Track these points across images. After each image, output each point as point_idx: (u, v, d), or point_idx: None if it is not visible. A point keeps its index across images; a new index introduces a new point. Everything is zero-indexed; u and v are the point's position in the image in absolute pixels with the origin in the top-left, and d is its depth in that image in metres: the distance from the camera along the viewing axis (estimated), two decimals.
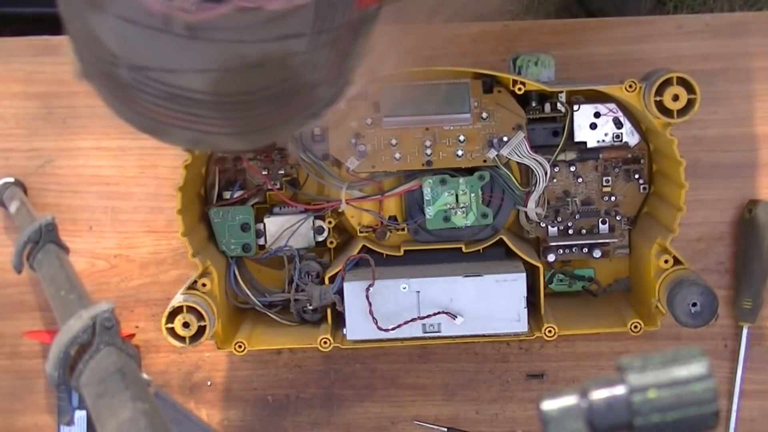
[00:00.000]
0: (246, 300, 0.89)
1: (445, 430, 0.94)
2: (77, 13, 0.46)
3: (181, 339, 0.82)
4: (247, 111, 0.48)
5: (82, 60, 0.50)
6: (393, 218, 0.90)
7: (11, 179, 0.93)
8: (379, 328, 0.81)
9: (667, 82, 0.80)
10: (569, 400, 0.37)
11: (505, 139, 0.86)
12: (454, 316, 0.82)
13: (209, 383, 0.95)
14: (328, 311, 0.85)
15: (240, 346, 0.85)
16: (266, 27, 0.44)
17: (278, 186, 0.90)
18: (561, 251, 0.90)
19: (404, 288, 0.82)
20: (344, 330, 0.83)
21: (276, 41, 0.44)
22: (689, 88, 0.80)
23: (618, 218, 0.90)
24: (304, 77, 0.47)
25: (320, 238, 0.90)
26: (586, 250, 0.90)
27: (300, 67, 0.46)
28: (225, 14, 0.42)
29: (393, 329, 0.82)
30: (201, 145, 0.55)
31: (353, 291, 0.82)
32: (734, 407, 0.92)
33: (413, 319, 0.82)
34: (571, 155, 0.89)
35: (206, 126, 0.48)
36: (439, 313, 0.82)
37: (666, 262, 0.83)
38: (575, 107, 0.88)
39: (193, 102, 0.46)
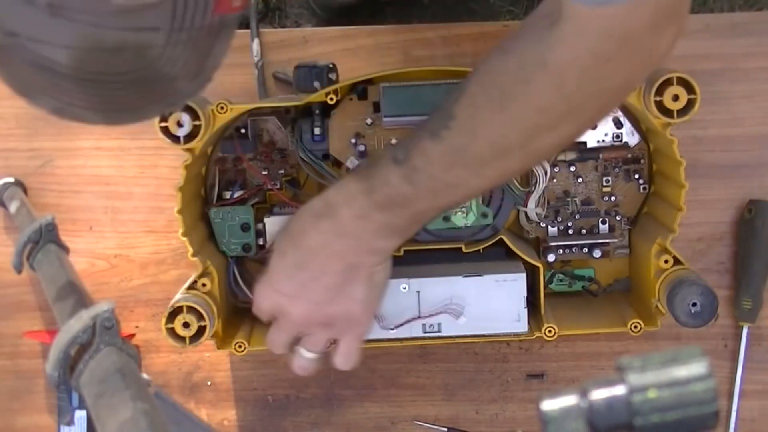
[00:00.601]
0: (246, 300, 0.89)
1: (445, 430, 0.94)
2: None
3: (181, 339, 0.82)
4: (106, 91, 0.52)
5: None
6: None
7: (11, 179, 0.93)
8: (380, 328, 0.81)
9: (667, 82, 0.80)
10: (569, 400, 0.37)
11: None
12: (457, 315, 0.82)
13: (209, 383, 0.95)
14: None
15: (240, 346, 0.85)
16: (121, 17, 0.47)
17: (278, 186, 0.90)
18: (561, 251, 0.90)
19: (404, 288, 0.82)
20: None
21: (132, 31, 0.48)
22: (689, 88, 0.80)
23: (618, 218, 0.90)
24: (162, 69, 0.50)
25: None
26: (586, 250, 0.90)
27: (157, 59, 0.50)
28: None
29: (393, 329, 0.82)
30: (65, 114, 0.58)
31: None
32: (734, 407, 0.92)
33: (416, 318, 0.82)
34: (571, 155, 0.89)
35: (68, 98, 0.52)
36: (441, 312, 0.82)
37: (666, 262, 0.83)
38: None
39: (57, 74, 0.50)
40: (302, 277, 0.74)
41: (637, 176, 0.90)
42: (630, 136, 0.89)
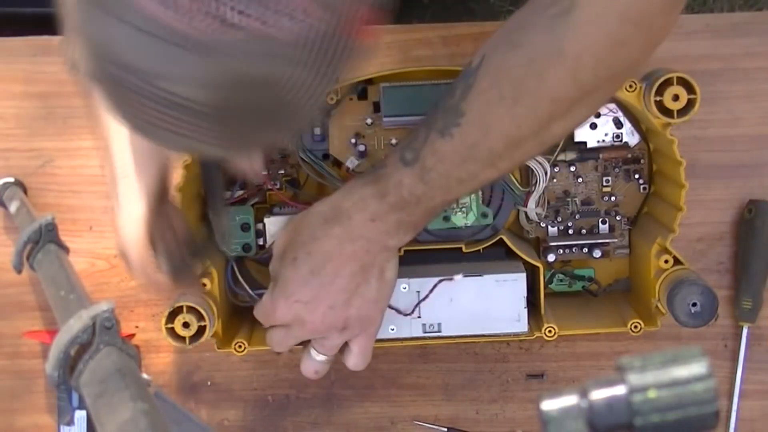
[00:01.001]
0: (246, 300, 0.89)
1: (445, 430, 0.94)
2: (84, 14, 0.49)
3: (181, 339, 0.82)
4: (228, 123, 0.51)
5: (81, 56, 0.52)
6: None
7: (11, 179, 0.93)
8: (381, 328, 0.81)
9: (667, 82, 0.80)
10: (569, 400, 0.37)
11: None
12: (450, 278, 0.82)
13: (209, 383, 0.95)
14: None
15: (240, 346, 0.85)
16: (274, 53, 0.47)
17: (278, 186, 0.90)
18: (561, 251, 0.90)
19: (404, 288, 0.82)
20: None
21: (261, 62, 0.47)
22: (689, 88, 0.80)
23: (618, 218, 0.90)
24: (286, 98, 0.50)
25: None
26: (586, 250, 0.90)
27: (282, 88, 0.49)
28: (240, 39, 0.45)
29: (393, 329, 0.82)
30: (187, 150, 0.60)
31: None
32: (734, 407, 0.92)
33: (419, 303, 0.82)
34: (571, 155, 0.89)
35: (197, 134, 0.51)
36: (438, 282, 0.82)
37: (666, 262, 0.83)
38: None
39: (191, 111, 0.49)
40: (317, 283, 0.74)
41: (637, 176, 0.90)
42: (630, 136, 0.89)
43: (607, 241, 0.90)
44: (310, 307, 0.74)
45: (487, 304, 0.83)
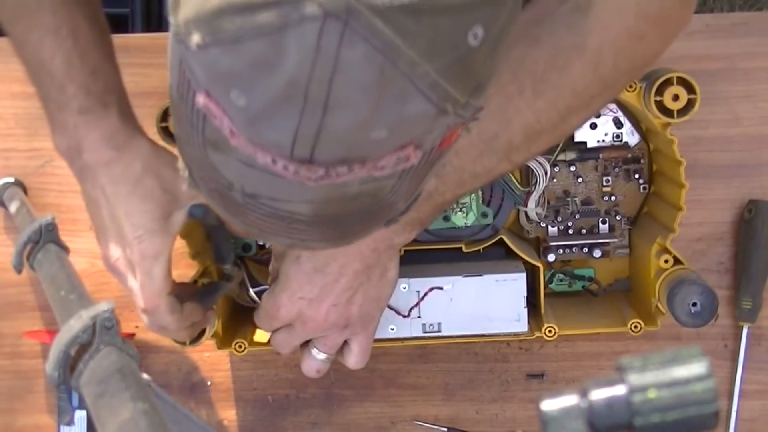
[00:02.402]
0: (246, 299, 0.89)
1: (445, 430, 0.94)
2: (198, 147, 0.53)
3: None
4: (339, 226, 0.56)
5: (195, 176, 0.58)
6: None
7: (11, 179, 0.93)
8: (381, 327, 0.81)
9: (667, 82, 0.80)
10: (569, 400, 0.37)
11: None
12: (440, 287, 0.82)
13: (209, 383, 0.95)
14: None
15: (240, 346, 0.85)
16: (376, 182, 0.51)
17: None
18: (561, 251, 0.90)
19: (404, 288, 0.82)
20: None
21: (372, 182, 0.50)
22: (689, 88, 0.80)
23: (618, 218, 0.90)
24: (389, 201, 0.54)
25: None
26: (586, 250, 0.90)
27: (388, 195, 0.53)
28: (345, 181, 0.49)
29: (393, 329, 0.82)
30: (295, 246, 0.65)
31: None
32: (734, 407, 0.92)
33: (413, 307, 0.82)
34: (571, 155, 0.89)
35: (303, 235, 0.56)
36: (429, 291, 0.82)
37: (666, 262, 0.83)
38: None
39: (296, 221, 0.54)
40: (321, 281, 0.74)
41: (637, 176, 0.90)
42: (630, 136, 0.89)
43: (607, 241, 0.90)
44: (314, 305, 0.74)
45: (487, 304, 0.83)
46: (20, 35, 0.71)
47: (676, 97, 0.80)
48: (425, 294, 0.82)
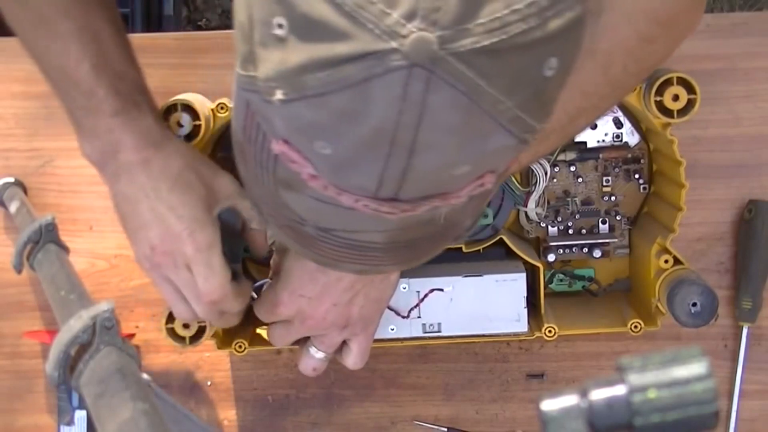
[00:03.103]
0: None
1: (445, 430, 0.94)
2: (268, 186, 0.54)
3: (181, 339, 0.82)
4: (411, 250, 0.57)
5: (265, 214, 0.59)
6: None
7: (11, 179, 0.93)
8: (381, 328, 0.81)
9: (667, 82, 0.80)
10: (569, 400, 0.37)
11: None
12: (440, 288, 0.82)
13: (209, 383, 0.95)
14: None
15: (240, 346, 0.85)
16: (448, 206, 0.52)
17: None
18: (561, 251, 0.90)
19: (404, 288, 0.82)
20: None
21: (448, 208, 0.52)
22: (689, 88, 0.80)
23: (618, 218, 0.90)
24: (459, 220, 0.55)
25: None
26: (586, 250, 0.90)
27: (458, 215, 0.54)
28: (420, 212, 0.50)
29: (393, 329, 0.82)
30: (367, 272, 0.67)
31: None
32: (734, 407, 0.92)
33: (412, 309, 0.82)
34: (571, 155, 0.89)
35: (376, 261, 0.58)
36: (429, 292, 0.82)
37: (666, 262, 0.83)
38: None
39: (369, 249, 0.55)
40: (324, 280, 0.73)
41: (637, 176, 0.90)
42: (630, 136, 0.89)
43: (607, 241, 0.90)
44: (314, 303, 0.74)
45: (487, 304, 0.83)
46: (42, 45, 0.70)
47: (676, 97, 0.80)
48: (425, 294, 0.82)
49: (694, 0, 0.69)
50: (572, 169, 0.90)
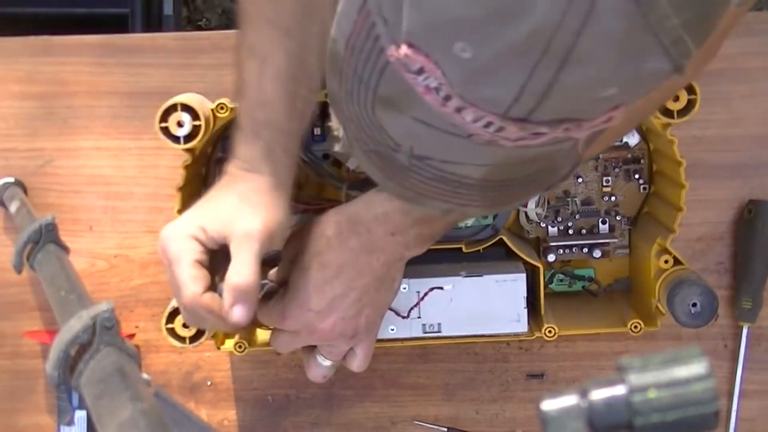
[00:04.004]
0: None
1: (445, 430, 0.94)
2: (364, 104, 0.50)
3: (181, 339, 0.82)
4: (505, 191, 0.53)
5: (350, 137, 0.55)
6: None
7: (11, 179, 0.93)
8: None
9: None
10: (569, 400, 0.37)
11: None
12: (440, 287, 0.82)
13: (209, 383, 0.95)
14: None
15: (240, 346, 0.85)
16: (559, 141, 0.48)
17: None
18: (561, 251, 0.90)
19: (404, 288, 0.82)
20: None
21: (556, 145, 0.47)
22: (689, 88, 0.80)
23: (618, 218, 0.90)
24: (558, 165, 0.52)
25: None
26: (586, 250, 0.90)
27: (560, 159, 0.50)
28: (540, 142, 0.46)
29: (393, 329, 0.82)
30: (451, 212, 0.60)
31: None
32: (734, 407, 0.92)
33: (412, 308, 0.82)
34: None
35: (465, 201, 0.53)
36: (429, 291, 0.82)
37: (666, 262, 0.83)
38: None
39: (461, 185, 0.51)
40: (331, 294, 0.72)
41: (637, 176, 0.90)
42: (630, 136, 0.89)
43: (607, 241, 0.90)
44: (322, 317, 0.73)
45: (487, 304, 0.83)
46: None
47: (676, 98, 0.80)
48: (425, 294, 0.82)
49: (704, 64, 0.64)
50: None
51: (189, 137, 0.80)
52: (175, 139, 0.80)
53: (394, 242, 0.72)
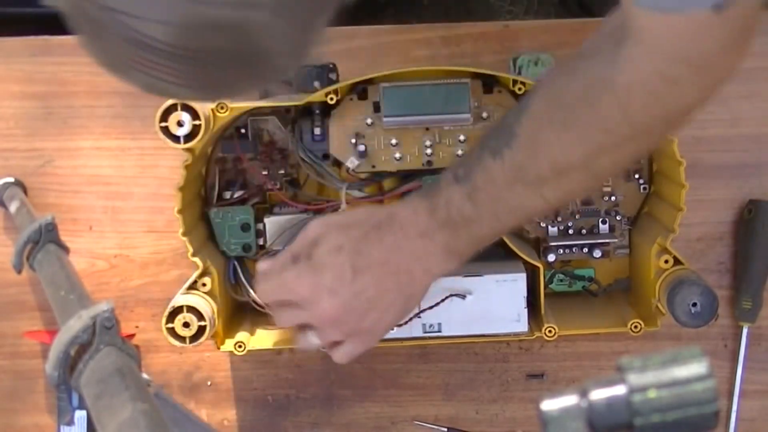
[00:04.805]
0: (246, 300, 0.89)
1: (445, 430, 0.94)
2: None
3: (181, 339, 0.82)
4: (201, 67, 0.51)
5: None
6: None
7: (11, 179, 0.93)
8: None
9: None
10: (569, 400, 0.37)
11: None
12: (463, 296, 0.82)
13: (209, 383, 0.95)
14: None
15: (240, 346, 0.85)
16: (251, 1, 0.47)
17: (278, 186, 0.90)
18: (561, 251, 0.90)
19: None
20: None
21: (234, 8, 0.47)
22: None
23: (618, 218, 0.90)
24: (262, 45, 0.49)
25: None
26: (586, 250, 0.90)
27: (257, 35, 0.49)
28: None
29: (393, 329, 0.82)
30: (155, 90, 0.58)
31: None
32: (734, 407, 0.92)
33: (424, 310, 0.82)
34: None
35: (161, 73, 0.51)
36: (445, 298, 0.82)
37: (666, 262, 0.83)
38: None
39: (152, 49, 0.49)
40: (349, 284, 0.72)
41: (637, 176, 0.90)
42: None
43: (607, 241, 0.90)
44: (331, 298, 0.72)
45: (487, 304, 0.83)
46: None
47: None
48: (441, 301, 0.82)
49: (731, 40, 0.62)
50: None
51: (189, 137, 0.80)
52: (175, 138, 0.80)
53: (423, 247, 0.72)
